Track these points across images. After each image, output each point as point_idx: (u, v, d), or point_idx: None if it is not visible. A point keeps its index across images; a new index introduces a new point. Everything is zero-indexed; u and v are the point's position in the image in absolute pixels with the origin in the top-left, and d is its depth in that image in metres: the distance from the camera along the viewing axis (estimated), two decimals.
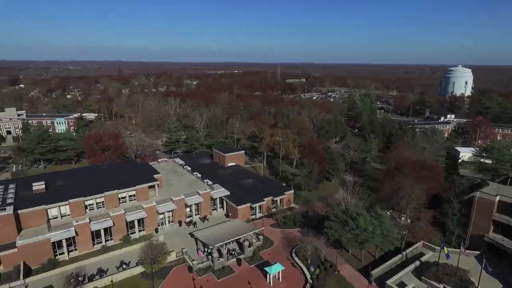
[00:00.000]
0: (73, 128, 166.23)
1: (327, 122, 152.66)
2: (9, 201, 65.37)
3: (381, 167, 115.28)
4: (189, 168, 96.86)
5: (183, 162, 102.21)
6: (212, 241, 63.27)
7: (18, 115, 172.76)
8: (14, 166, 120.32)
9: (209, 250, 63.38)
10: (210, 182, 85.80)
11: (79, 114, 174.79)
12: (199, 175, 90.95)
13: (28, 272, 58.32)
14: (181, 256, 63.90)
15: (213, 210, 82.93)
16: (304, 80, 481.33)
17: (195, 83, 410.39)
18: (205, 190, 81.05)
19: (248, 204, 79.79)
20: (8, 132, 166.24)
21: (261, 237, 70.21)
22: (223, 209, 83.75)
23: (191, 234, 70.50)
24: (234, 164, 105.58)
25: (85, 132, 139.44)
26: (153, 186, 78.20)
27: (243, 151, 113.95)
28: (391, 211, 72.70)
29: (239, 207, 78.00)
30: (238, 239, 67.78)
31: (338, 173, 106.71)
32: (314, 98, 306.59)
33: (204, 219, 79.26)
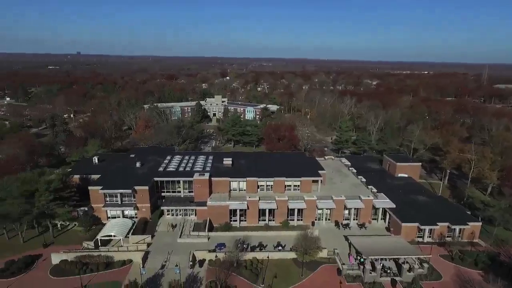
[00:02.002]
0: (258, 116, 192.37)
1: None
2: (207, 169, 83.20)
3: None
4: (355, 171, 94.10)
5: (349, 163, 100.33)
6: (367, 252, 59.72)
7: (222, 101, 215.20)
8: (214, 142, 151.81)
9: (362, 260, 60.22)
10: (375, 190, 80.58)
11: (264, 105, 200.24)
12: (364, 180, 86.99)
13: (211, 227, 72.92)
14: (332, 256, 63.66)
15: (373, 219, 77.83)
16: None
17: (375, 83, 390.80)
18: (368, 196, 76.85)
19: (416, 224, 70.16)
20: (214, 115, 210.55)
21: (426, 265, 60.62)
22: (385, 221, 77.16)
23: (346, 238, 68.92)
24: (405, 175, 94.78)
25: (267, 121, 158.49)
26: (316, 181, 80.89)
27: (420, 164, 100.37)
28: None
29: (404, 224, 69.86)
30: (397, 258, 61.10)
31: None
32: None
33: (361, 226, 75.66)
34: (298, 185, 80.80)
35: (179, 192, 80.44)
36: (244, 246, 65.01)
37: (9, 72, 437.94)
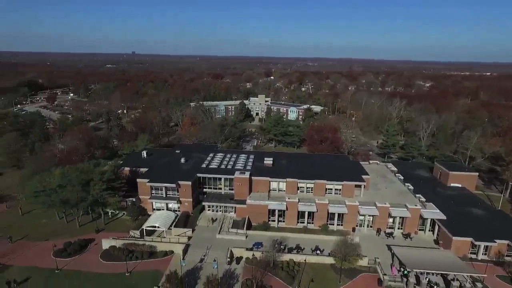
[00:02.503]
0: (301, 117, 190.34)
1: None
2: (248, 167, 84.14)
3: None
4: (401, 177, 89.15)
5: (395, 169, 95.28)
6: (412, 264, 56.30)
7: (265, 101, 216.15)
8: (256, 141, 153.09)
9: (406, 272, 56.91)
10: (423, 199, 75.64)
11: (308, 105, 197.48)
12: (411, 188, 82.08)
13: (249, 226, 73.66)
14: (373, 265, 60.95)
15: (419, 230, 73.14)
16: None
17: (428, 84, 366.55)
18: (415, 205, 72.36)
19: (469, 239, 64.57)
20: (257, 114, 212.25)
21: (479, 284, 55.60)
22: (433, 233, 72.02)
23: (389, 247, 65.57)
24: (459, 185, 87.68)
25: (310, 122, 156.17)
26: (359, 186, 77.97)
27: (476, 173, 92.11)
28: None
29: (455, 238, 64.67)
30: (446, 274, 56.82)
31: None
32: None
33: (407, 236, 71.42)
34: (340, 189, 78.54)
35: (220, 189, 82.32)
36: (281, 247, 64.77)
37: (74, 70, 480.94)
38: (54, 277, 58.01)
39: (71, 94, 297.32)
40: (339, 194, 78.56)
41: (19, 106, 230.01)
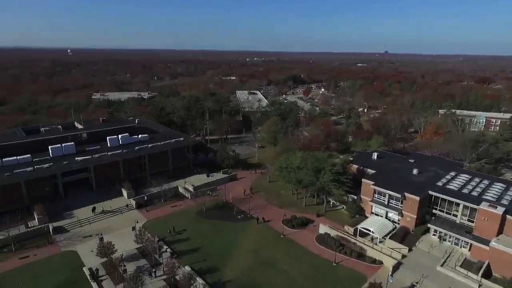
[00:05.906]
0: None
1: None
2: (504, 201, 64.78)
3: None
4: None
5: None
6: None
7: None
8: None
9: None
10: None
11: None
12: None
13: (487, 274, 57.58)
14: None
15: None
16: None
17: None
18: None
19: None
20: None
21: None
22: None
23: None
24: None
25: None
26: None
27: None
28: None
29: None
30: None
31: None
32: None
33: None
34: None
35: (455, 216, 68.58)
36: None
37: (328, 67, 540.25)
38: (279, 239, 70.05)
39: (322, 89, 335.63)
40: None
41: (284, 95, 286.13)
